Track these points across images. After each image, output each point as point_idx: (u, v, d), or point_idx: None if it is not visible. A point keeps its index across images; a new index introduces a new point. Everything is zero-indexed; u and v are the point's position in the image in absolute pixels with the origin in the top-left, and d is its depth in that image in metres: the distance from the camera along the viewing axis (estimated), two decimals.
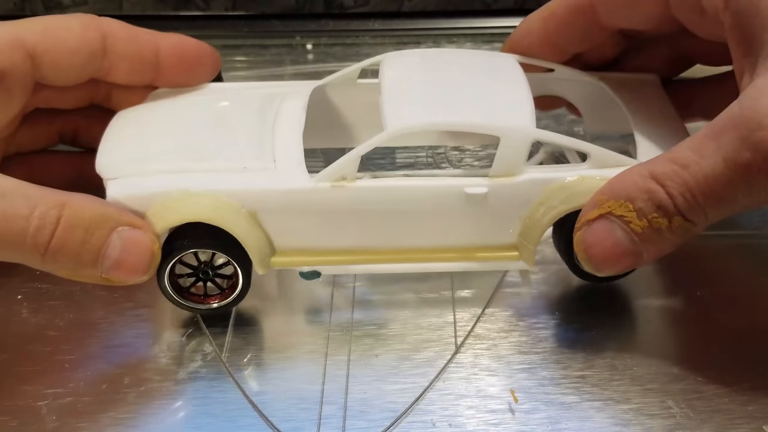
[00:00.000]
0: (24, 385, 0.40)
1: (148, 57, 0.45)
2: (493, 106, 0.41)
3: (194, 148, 0.42)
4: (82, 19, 0.44)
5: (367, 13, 0.74)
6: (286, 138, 0.42)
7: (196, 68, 0.46)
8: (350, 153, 0.40)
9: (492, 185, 0.41)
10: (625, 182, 0.38)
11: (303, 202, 0.40)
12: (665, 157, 0.38)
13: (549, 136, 0.41)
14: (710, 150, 0.36)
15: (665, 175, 0.37)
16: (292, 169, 0.41)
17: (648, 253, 0.39)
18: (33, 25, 0.43)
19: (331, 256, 0.42)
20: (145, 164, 0.41)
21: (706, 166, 0.36)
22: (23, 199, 0.37)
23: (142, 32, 0.45)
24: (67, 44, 0.43)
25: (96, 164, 0.42)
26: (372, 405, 0.39)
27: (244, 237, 0.40)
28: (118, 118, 0.45)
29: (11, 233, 0.37)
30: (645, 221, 0.37)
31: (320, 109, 0.47)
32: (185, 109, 0.45)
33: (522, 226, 0.42)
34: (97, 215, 0.38)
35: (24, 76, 0.42)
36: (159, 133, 0.43)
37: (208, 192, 0.40)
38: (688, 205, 0.37)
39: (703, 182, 0.36)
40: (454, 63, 0.46)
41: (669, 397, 0.39)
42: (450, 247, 0.43)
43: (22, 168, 0.47)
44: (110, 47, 0.44)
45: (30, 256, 0.37)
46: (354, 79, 0.48)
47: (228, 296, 0.42)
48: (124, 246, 0.38)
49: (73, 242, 0.37)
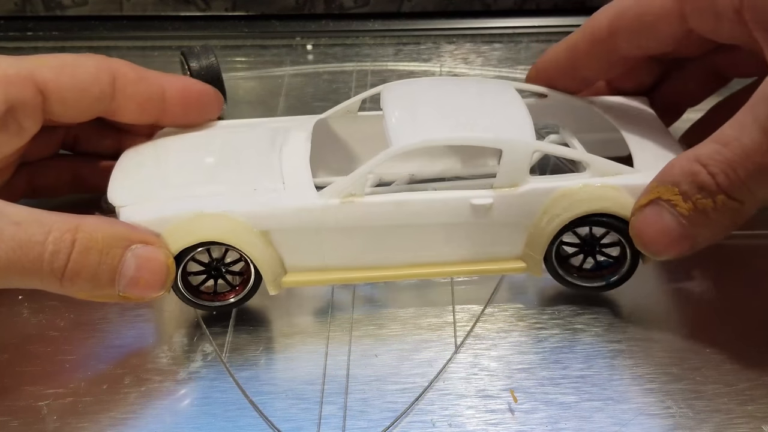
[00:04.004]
0: (25, 385, 0.40)
1: (155, 98, 0.46)
2: (494, 122, 0.43)
3: (203, 174, 0.43)
4: (95, 60, 0.45)
5: (367, 13, 0.74)
6: (293, 163, 0.43)
7: (199, 110, 0.48)
8: (358, 169, 0.41)
9: (496, 196, 0.42)
10: (673, 167, 0.39)
11: (313, 220, 0.41)
12: (710, 138, 0.38)
13: (549, 148, 0.43)
14: (748, 123, 0.37)
15: (707, 155, 0.37)
16: (301, 189, 0.42)
17: (701, 237, 0.39)
18: (47, 62, 0.43)
19: (341, 274, 0.43)
20: (156, 190, 0.42)
21: (745, 140, 0.36)
22: (37, 226, 0.37)
23: (149, 74, 0.46)
24: (79, 83, 0.43)
25: (108, 194, 0.43)
26: (372, 405, 0.39)
27: (257, 256, 0.41)
28: (127, 154, 0.46)
29: (28, 260, 0.37)
30: (690, 203, 0.38)
31: (323, 142, 0.48)
32: (193, 143, 0.46)
33: (527, 236, 0.43)
34: (110, 235, 0.38)
35: (34, 110, 0.43)
36: (169, 163, 0.44)
37: (221, 213, 0.41)
38: (730, 182, 0.37)
39: (743, 156, 0.36)
40: (453, 87, 0.47)
41: (668, 397, 0.39)
42: (457, 261, 0.43)
43: (22, 174, 0.47)
44: (119, 88, 0.45)
45: (48, 281, 0.38)
46: (355, 111, 0.49)
47: (240, 292, 0.43)
48: (138, 263, 0.39)
49: (89, 264, 0.38)
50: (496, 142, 0.41)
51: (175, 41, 0.71)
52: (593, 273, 0.44)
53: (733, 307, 0.44)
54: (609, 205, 0.41)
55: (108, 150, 0.49)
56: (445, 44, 0.72)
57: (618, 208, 0.41)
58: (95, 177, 0.49)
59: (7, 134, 0.42)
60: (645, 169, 0.43)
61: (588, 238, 0.43)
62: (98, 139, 0.49)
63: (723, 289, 0.45)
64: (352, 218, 0.41)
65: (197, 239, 0.40)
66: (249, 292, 0.43)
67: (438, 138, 0.42)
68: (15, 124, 0.42)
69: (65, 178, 0.50)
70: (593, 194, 0.42)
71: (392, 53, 0.71)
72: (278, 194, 0.42)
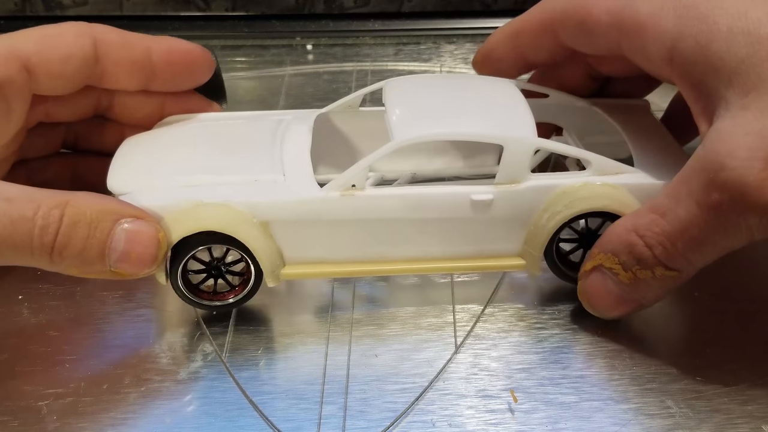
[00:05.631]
0: (25, 385, 0.40)
1: (141, 60, 0.45)
2: (496, 118, 0.43)
3: (204, 164, 0.43)
4: (75, 27, 0.44)
5: (367, 13, 0.74)
6: (294, 154, 0.43)
7: (188, 69, 0.47)
8: (359, 162, 0.41)
9: (497, 192, 0.42)
10: (611, 236, 0.40)
11: (313, 212, 0.41)
12: (646, 207, 0.39)
13: (550, 145, 0.43)
14: (683, 195, 0.37)
15: (645, 226, 0.39)
16: (301, 181, 0.42)
17: (646, 299, 0.41)
18: (27, 36, 0.43)
19: (339, 267, 0.43)
20: (156, 179, 0.42)
21: (681, 212, 0.37)
22: (27, 202, 0.37)
23: (133, 36, 0.46)
24: (61, 52, 0.43)
25: (107, 182, 0.42)
26: (372, 405, 0.39)
27: (256, 247, 0.41)
28: (128, 142, 0.46)
29: (18, 236, 0.37)
30: (630, 273, 0.39)
31: (324, 137, 0.48)
32: (194, 133, 0.46)
33: (527, 234, 0.43)
34: (99, 209, 0.38)
35: (21, 88, 0.42)
36: (168, 152, 0.44)
37: (220, 203, 0.41)
38: (668, 254, 0.38)
39: (680, 228, 0.37)
40: (454, 84, 0.47)
41: (668, 397, 0.39)
42: (457, 256, 0.43)
43: (21, 171, 0.47)
44: (102, 53, 0.44)
45: (38, 257, 0.38)
46: (356, 106, 0.49)
47: (239, 293, 0.43)
48: (128, 237, 0.39)
49: (77, 238, 0.38)
50: (498, 138, 0.41)
51: None
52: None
53: (733, 307, 0.44)
54: (609, 204, 0.42)
55: (109, 148, 0.49)
56: (445, 44, 0.72)
57: (618, 207, 0.41)
58: (95, 175, 0.49)
59: None
60: (645, 169, 0.43)
61: (585, 233, 0.43)
62: (99, 136, 0.49)
63: (723, 289, 0.45)
64: (352, 211, 0.41)
65: (197, 228, 0.40)
66: (248, 293, 0.43)
67: (440, 133, 0.42)
68: (3, 104, 0.42)
69: (65, 176, 0.50)
70: (594, 192, 0.42)
71: (392, 53, 0.71)
72: (279, 185, 0.42)
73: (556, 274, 0.44)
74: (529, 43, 0.47)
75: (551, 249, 0.43)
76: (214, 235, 0.40)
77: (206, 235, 0.40)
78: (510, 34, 0.48)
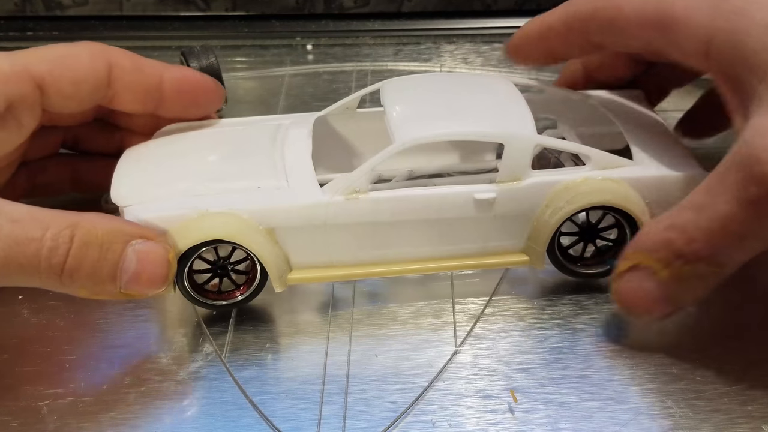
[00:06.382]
0: (25, 385, 0.40)
1: (152, 88, 0.46)
2: (495, 117, 0.43)
3: (207, 172, 0.43)
4: (91, 49, 0.44)
5: (367, 13, 0.74)
6: (295, 159, 0.44)
7: (197, 101, 0.47)
8: (362, 166, 0.41)
9: (499, 190, 0.42)
10: (648, 235, 0.39)
11: (318, 217, 0.41)
12: (682, 204, 0.38)
13: (550, 142, 0.43)
14: (720, 191, 0.37)
15: (683, 222, 0.38)
16: (305, 186, 0.42)
17: (684, 300, 0.40)
18: (43, 55, 0.43)
19: (346, 270, 0.43)
20: (160, 189, 0.42)
21: (719, 207, 0.37)
22: (34, 223, 0.37)
23: (147, 63, 0.46)
24: (74, 74, 0.43)
25: (111, 195, 0.42)
26: (372, 405, 0.39)
27: (263, 254, 0.41)
28: (128, 153, 0.46)
29: (25, 257, 0.36)
30: (670, 271, 0.38)
31: (322, 140, 0.48)
32: (193, 141, 0.46)
33: (530, 230, 0.43)
34: (110, 231, 0.38)
35: (33, 105, 0.43)
36: (171, 162, 0.44)
37: (226, 211, 0.41)
38: (709, 250, 0.37)
39: (720, 223, 0.37)
40: (451, 83, 0.47)
41: (668, 397, 0.39)
42: (461, 254, 0.44)
43: (21, 172, 0.47)
44: (115, 77, 0.44)
45: (47, 278, 0.37)
46: (354, 108, 0.49)
47: (246, 291, 0.43)
48: (139, 258, 0.38)
49: (89, 260, 0.37)
50: (500, 136, 0.42)
51: (175, 41, 0.71)
52: (595, 260, 0.45)
53: (733, 307, 0.44)
54: (611, 198, 0.42)
55: (109, 149, 0.49)
56: (445, 44, 0.72)
57: (620, 201, 0.42)
58: (96, 176, 0.49)
59: (7, 131, 0.42)
60: (644, 161, 0.43)
61: (585, 226, 0.44)
62: (99, 138, 0.49)
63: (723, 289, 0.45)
64: (357, 214, 0.41)
65: (205, 237, 0.40)
66: (254, 291, 0.43)
67: (442, 133, 0.42)
68: (14, 121, 0.42)
69: (66, 177, 0.50)
70: (595, 187, 0.42)
71: (392, 53, 0.71)
72: (283, 191, 0.42)
73: (557, 267, 0.44)
74: (560, 41, 0.47)
75: (553, 243, 0.43)
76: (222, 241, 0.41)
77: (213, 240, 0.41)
78: (539, 32, 0.48)
